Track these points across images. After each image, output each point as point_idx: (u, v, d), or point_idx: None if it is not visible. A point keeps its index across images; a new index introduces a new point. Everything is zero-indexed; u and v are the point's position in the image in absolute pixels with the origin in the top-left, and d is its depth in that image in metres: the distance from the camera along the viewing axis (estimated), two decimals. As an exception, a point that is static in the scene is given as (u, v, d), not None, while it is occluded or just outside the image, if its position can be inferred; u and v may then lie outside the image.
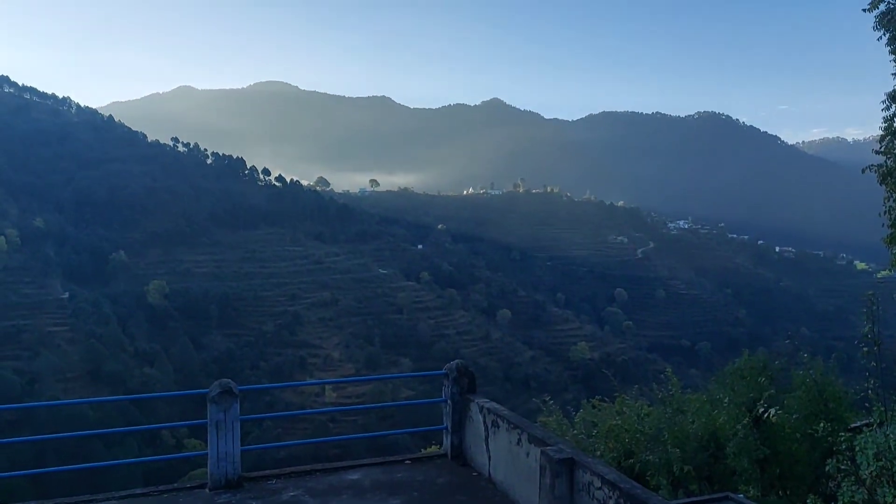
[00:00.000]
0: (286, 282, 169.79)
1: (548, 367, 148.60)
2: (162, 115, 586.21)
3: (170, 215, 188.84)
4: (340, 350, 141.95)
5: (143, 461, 58.18)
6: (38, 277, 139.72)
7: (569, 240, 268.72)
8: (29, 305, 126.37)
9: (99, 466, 12.10)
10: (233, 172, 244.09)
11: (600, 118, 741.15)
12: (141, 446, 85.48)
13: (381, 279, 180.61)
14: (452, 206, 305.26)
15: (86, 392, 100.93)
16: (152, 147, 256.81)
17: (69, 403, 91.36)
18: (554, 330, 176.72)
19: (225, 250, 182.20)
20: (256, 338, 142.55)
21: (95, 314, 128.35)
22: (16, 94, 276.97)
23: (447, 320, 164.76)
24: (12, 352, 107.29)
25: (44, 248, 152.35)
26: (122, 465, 68.03)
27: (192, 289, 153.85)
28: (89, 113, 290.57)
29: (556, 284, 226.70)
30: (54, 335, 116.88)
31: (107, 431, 67.85)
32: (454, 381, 10.03)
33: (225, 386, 9.14)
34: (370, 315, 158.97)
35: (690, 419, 12.91)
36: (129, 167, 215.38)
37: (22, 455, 69.03)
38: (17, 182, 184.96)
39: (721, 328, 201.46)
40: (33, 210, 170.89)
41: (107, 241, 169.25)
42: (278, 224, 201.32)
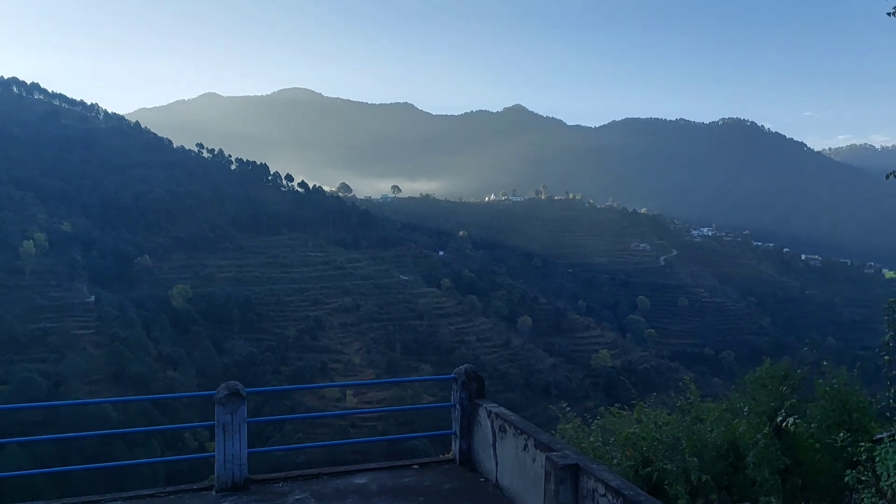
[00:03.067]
0: (308, 287, 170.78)
1: (569, 375, 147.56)
2: (187, 122, 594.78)
3: (194, 220, 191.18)
4: (361, 355, 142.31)
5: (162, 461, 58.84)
6: (65, 281, 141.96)
7: (591, 247, 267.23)
8: (56, 308, 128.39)
9: (119, 466, 12.17)
10: (256, 178, 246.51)
11: (623, 125, 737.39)
12: (163, 448, 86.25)
13: (403, 285, 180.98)
14: (474, 213, 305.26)
15: (110, 394, 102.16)
16: (177, 153, 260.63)
17: (91, 403, 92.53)
18: (575, 337, 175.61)
19: (248, 255, 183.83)
20: (278, 342, 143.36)
21: (120, 318, 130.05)
22: (45, 100, 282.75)
23: (468, 327, 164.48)
24: (39, 354, 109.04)
25: (71, 252, 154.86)
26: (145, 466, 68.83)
27: (215, 293, 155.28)
28: (116, 119, 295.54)
29: (578, 292, 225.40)
30: (80, 338, 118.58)
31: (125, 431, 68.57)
32: (463, 385, 9.89)
33: (232, 388, 9.09)
34: (391, 321, 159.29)
35: (709, 428, 12.63)
36: (154, 173, 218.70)
37: (47, 454, 70.00)
38: (46, 187, 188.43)
39: (745, 337, 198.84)
40: (61, 214, 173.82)
41: (132, 245, 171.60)
42: (301, 229, 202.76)
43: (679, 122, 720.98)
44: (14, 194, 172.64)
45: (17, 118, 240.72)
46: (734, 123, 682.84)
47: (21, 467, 62.49)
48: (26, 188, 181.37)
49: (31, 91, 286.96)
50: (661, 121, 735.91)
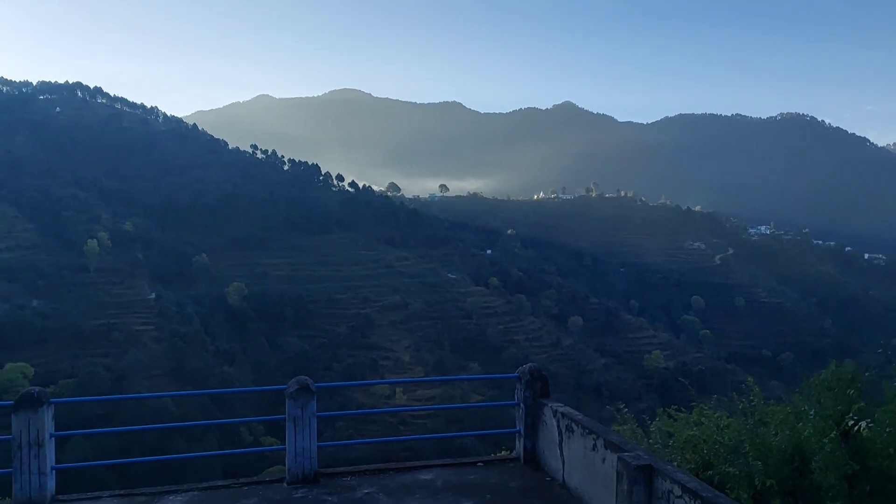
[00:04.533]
0: (358, 285, 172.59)
1: (620, 376, 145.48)
2: (242, 123, 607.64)
3: (248, 220, 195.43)
4: (410, 353, 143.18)
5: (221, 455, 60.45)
6: (127, 279, 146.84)
7: (643, 246, 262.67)
8: (118, 305, 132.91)
9: (179, 458, 12.66)
10: (308, 178, 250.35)
11: (677, 121, 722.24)
12: (220, 442, 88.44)
13: (451, 284, 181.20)
14: (522, 211, 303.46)
15: (170, 389, 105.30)
16: (232, 154, 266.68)
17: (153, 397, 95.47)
18: (627, 338, 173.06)
19: (300, 254, 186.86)
20: (330, 339, 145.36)
21: (179, 314, 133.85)
22: (108, 104, 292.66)
23: (516, 326, 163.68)
24: (103, 349, 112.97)
25: (132, 250, 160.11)
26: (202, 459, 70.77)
27: (268, 291, 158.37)
28: (175, 122, 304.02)
29: (630, 291, 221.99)
30: (141, 334, 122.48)
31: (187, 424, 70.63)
32: (527, 384, 9.99)
33: (302, 383, 9.39)
34: (439, 319, 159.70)
35: (773, 431, 12.38)
36: (211, 174, 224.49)
37: (109, 447, 72.61)
38: (108, 188, 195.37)
39: (805, 338, 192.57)
40: (123, 215, 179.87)
41: (190, 244, 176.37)
42: (351, 229, 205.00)
43: (735, 118, 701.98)
44: (79, 195, 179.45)
45: (81, 122, 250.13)
46: (793, 118, 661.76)
47: (85, 459, 65.02)
48: (90, 189, 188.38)
49: (94, 95, 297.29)
50: (717, 116, 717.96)
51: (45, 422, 8.21)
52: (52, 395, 8.92)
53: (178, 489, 9.08)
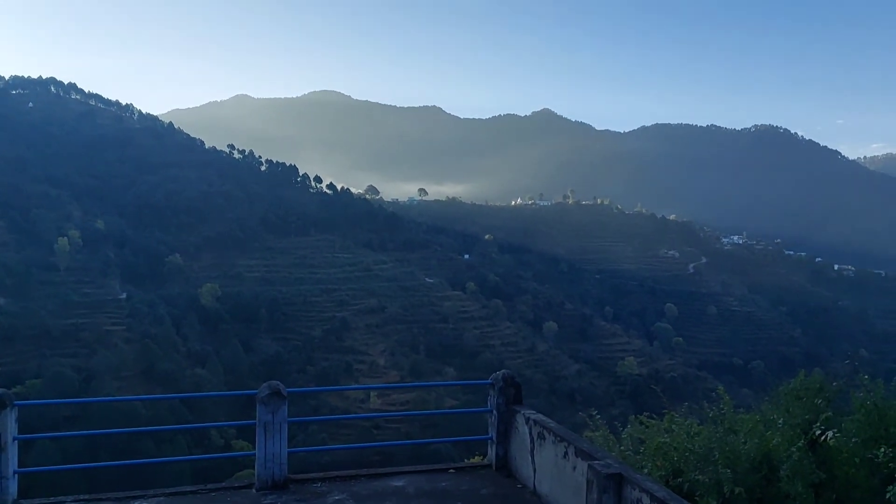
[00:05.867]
0: (335, 288, 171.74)
1: (594, 382, 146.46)
2: (219, 123, 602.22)
3: (224, 220, 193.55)
4: (386, 357, 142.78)
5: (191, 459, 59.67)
6: (98, 278, 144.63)
7: (618, 253, 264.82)
8: (88, 305, 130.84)
9: (148, 463, 12.43)
10: (285, 179, 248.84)
11: (653, 130, 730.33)
12: (190, 446, 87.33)
13: (428, 288, 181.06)
14: (500, 217, 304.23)
15: (140, 390, 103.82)
16: (209, 153, 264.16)
17: (122, 400, 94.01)
18: (601, 344, 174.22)
19: (276, 255, 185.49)
20: (304, 342, 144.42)
21: (151, 315, 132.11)
22: (82, 100, 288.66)
23: (492, 331, 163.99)
24: (71, 349, 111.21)
25: (104, 249, 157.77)
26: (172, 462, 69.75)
27: (243, 292, 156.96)
28: (150, 119, 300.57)
29: (605, 298, 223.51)
30: (111, 334, 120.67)
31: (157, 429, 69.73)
32: (500, 391, 9.98)
33: (274, 388, 9.27)
34: (416, 323, 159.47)
35: (743, 439, 12.52)
36: (186, 173, 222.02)
37: (76, 450, 71.33)
38: (81, 185, 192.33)
39: (775, 347, 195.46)
40: (95, 213, 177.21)
41: (163, 244, 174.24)
42: (328, 231, 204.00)
43: (710, 128, 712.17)
44: (50, 192, 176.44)
45: (54, 117, 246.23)
46: (766, 130, 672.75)
47: (51, 462, 63.80)
48: (62, 186, 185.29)
49: (68, 91, 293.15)
50: (692, 126, 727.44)
51: (8, 425, 8.01)
52: (18, 395, 8.73)
53: (145, 494, 8.93)
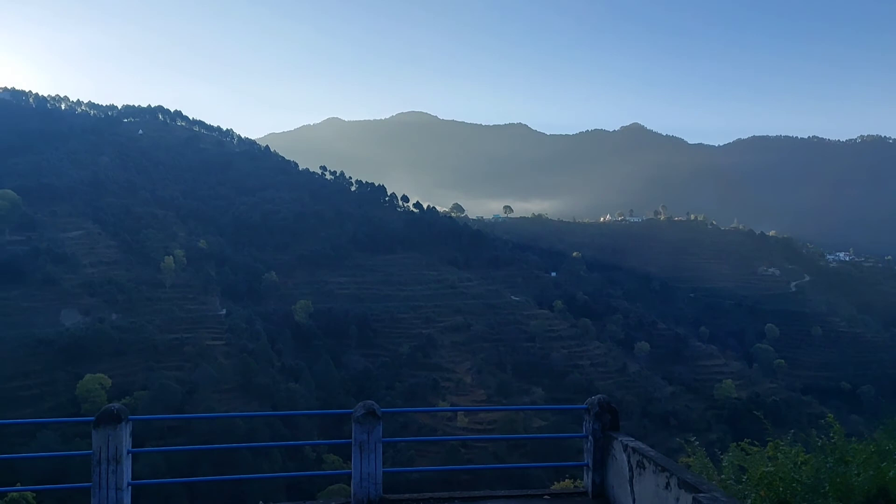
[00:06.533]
0: (421, 305, 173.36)
1: (689, 405, 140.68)
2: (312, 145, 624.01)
3: (316, 239, 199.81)
4: (472, 375, 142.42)
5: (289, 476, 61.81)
6: (200, 294, 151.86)
7: (714, 271, 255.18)
8: (191, 320, 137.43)
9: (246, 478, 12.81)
10: (374, 199, 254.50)
11: (750, 143, 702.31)
12: (284, 458, 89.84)
13: (514, 306, 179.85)
14: (588, 234, 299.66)
15: (238, 403, 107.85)
16: (302, 175, 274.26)
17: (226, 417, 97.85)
18: (697, 366, 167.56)
19: (365, 273, 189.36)
20: (392, 358, 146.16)
21: (248, 330, 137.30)
22: (187, 127, 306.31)
23: (581, 351, 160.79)
24: (175, 362, 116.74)
25: (206, 267, 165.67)
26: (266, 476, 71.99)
27: (334, 309, 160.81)
28: (249, 144, 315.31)
29: (700, 317, 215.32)
30: (212, 349, 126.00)
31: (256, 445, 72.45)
32: (596, 416, 9.71)
33: (369, 408, 9.37)
34: (502, 342, 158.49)
35: (856, 471, 11.66)
36: (281, 194, 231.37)
37: (179, 459, 74.71)
38: (185, 207, 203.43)
39: (887, 371, 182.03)
40: (198, 233, 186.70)
41: (260, 262, 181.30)
42: (415, 249, 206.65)
43: (812, 140, 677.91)
44: (157, 213, 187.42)
45: (161, 143, 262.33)
46: (873, 141, 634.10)
47: (156, 471, 67.08)
48: (168, 208, 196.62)
49: (174, 118, 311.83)
50: (792, 138, 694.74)
51: (123, 438, 8.45)
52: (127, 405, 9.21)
53: None
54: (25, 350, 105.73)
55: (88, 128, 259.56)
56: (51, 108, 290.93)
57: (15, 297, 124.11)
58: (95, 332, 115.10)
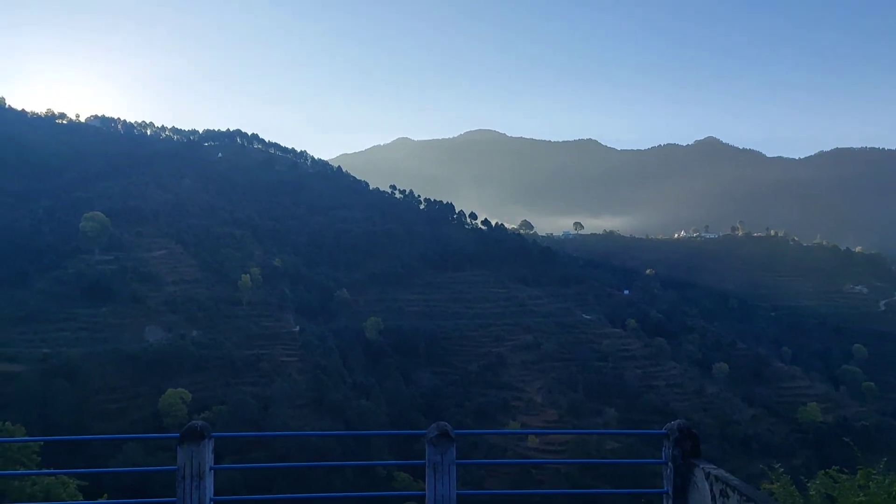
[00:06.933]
0: (490, 323, 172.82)
1: (771, 429, 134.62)
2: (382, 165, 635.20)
3: (386, 257, 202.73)
4: (543, 394, 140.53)
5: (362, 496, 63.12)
6: (275, 311, 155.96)
7: (796, 288, 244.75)
8: (267, 336, 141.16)
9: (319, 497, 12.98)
10: (442, 216, 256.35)
11: (833, 155, 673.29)
12: (356, 474, 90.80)
13: (585, 324, 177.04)
14: (662, 250, 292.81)
15: (311, 419, 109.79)
16: (373, 194, 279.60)
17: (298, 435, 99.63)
18: (779, 387, 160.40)
19: (434, 290, 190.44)
20: (462, 377, 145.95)
21: (321, 347, 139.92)
22: (263, 149, 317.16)
23: (656, 371, 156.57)
24: (252, 378, 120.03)
25: (281, 285, 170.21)
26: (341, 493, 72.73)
27: (404, 326, 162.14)
28: (321, 164, 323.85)
29: (782, 337, 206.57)
30: (287, 365, 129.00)
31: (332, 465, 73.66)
32: (676, 442, 9.38)
33: (442, 429, 9.31)
34: (573, 361, 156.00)
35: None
36: (352, 213, 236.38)
37: (255, 475, 76.52)
38: (262, 227, 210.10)
39: None
40: (274, 251, 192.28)
41: (332, 279, 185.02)
42: (483, 266, 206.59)
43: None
44: (235, 233, 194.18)
45: (239, 165, 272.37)
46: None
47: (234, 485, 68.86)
48: (246, 228, 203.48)
49: (251, 141, 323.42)
50: (878, 150, 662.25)
51: (207, 455, 8.71)
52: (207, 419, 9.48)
53: None
54: (113, 365, 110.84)
55: (172, 152, 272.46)
56: (137, 134, 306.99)
57: (103, 313, 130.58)
58: (177, 348, 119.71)
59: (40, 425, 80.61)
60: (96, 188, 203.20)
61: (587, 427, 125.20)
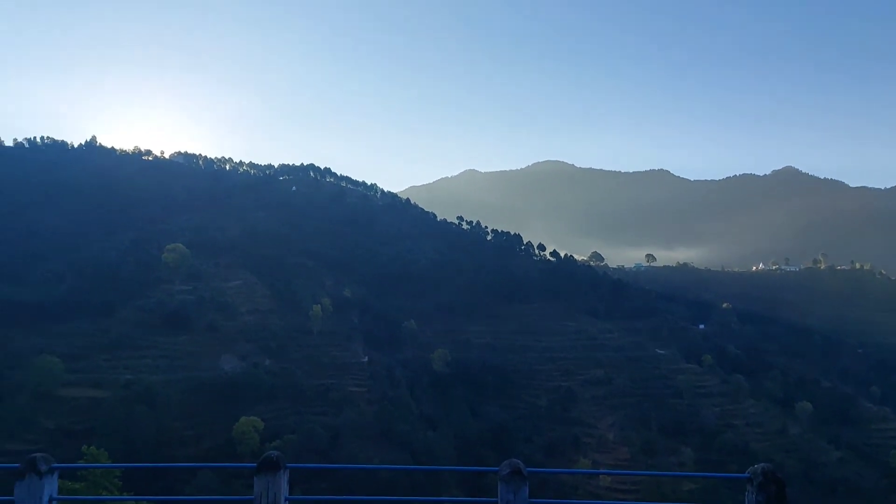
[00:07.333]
0: (559, 356, 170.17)
1: (860, 473, 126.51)
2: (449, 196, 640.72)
3: (453, 288, 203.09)
4: (615, 431, 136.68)
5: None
6: (345, 341, 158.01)
7: (885, 324, 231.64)
8: (336, 366, 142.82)
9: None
10: (510, 248, 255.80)
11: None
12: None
13: (658, 359, 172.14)
14: (739, 283, 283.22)
15: (379, 450, 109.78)
16: (440, 225, 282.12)
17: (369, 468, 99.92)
18: (868, 429, 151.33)
19: (501, 322, 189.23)
20: (530, 411, 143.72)
21: (388, 378, 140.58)
22: (335, 182, 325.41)
23: (734, 409, 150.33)
24: (321, 408, 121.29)
25: (350, 315, 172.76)
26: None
27: (471, 358, 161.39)
28: (390, 197, 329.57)
29: (870, 376, 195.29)
30: (355, 395, 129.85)
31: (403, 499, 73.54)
32: (760, 486, 8.90)
33: (514, 466, 9.14)
34: (646, 397, 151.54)
35: None
36: (420, 244, 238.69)
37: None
38: (332, 258, 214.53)
39: None
40: (343, 282, 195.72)
41: (400, 310, 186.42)
42: (552, 298, 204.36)
43: None
44: (308, 264, 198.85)
45: (312, 198, 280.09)
46: None
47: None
48: (317, 259, 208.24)
49: (324, 175, 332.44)
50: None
51: (282, 485, 8.83)
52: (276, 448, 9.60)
53: None
54: (190, 392, 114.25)
55: (248, 186, 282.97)
56: (217, 169, 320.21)
57: (182, 342, 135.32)
58: (250, 377, 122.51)
59: (122, 450, 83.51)
60: (178, 221, 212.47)
61: (661, 466, 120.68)
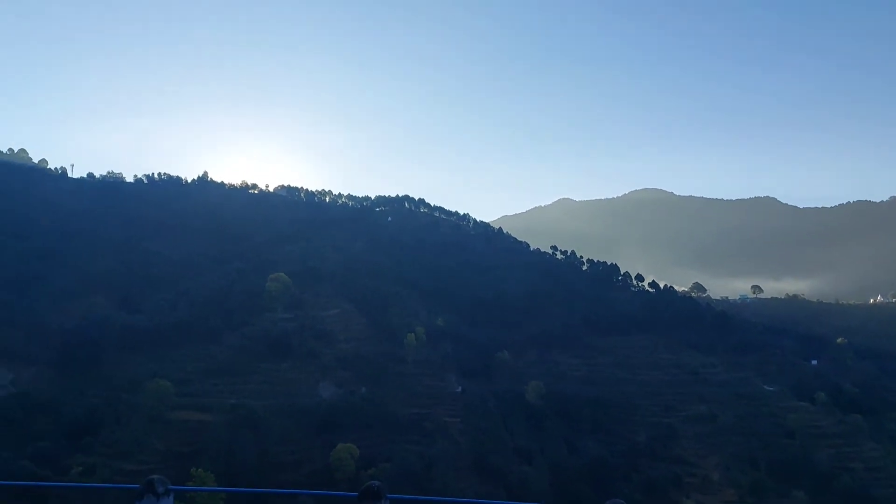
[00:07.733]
0: (659, 391, 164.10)
1: None
2: (543, 226, 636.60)
3: (547, 318, 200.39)
4: (720, 471, 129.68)
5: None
6: (438, 371, 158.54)
7: None
8: (430, 395, 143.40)
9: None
10: (606, 278, 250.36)
11: None
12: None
13: (767, 396, 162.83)
14: (856, 317, 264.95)
15: (472, 482, 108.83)
16: (533, 255, 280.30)
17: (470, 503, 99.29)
18: None
19: (598, 355, 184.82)
20: (628, 447, 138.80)
21: (482, 408, 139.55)
22: (428, 213, 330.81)
23: (852, 451, 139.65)
24: (415, 437, 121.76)
25: (443, 345, 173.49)
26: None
27: (566, 391, 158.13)
28: (483, 226, 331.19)
29: None
30: (449, 426, 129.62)
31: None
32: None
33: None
34: (754, 436, 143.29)
35: None
36: (513, 274, 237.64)
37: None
38: (426, 287, 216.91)
39: None
40: (437, 311, 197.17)
41: (493, 340, 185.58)
42: (650, 330, 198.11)
43: None
44: (402, 293, 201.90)
45: (406, 228, 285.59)
46: None
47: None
48: (411, 287, 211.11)
49: (418, 206, 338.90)
50: None
51: (382, 517, 8.75)
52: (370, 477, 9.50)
53: None
54: (290, 417, 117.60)
55: (346, 217, 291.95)
56: (317, 201, 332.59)
57: (284, 368, 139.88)
58: (347, 404, 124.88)
59: (226, 472, 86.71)
60: (281, 251, 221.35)
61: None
